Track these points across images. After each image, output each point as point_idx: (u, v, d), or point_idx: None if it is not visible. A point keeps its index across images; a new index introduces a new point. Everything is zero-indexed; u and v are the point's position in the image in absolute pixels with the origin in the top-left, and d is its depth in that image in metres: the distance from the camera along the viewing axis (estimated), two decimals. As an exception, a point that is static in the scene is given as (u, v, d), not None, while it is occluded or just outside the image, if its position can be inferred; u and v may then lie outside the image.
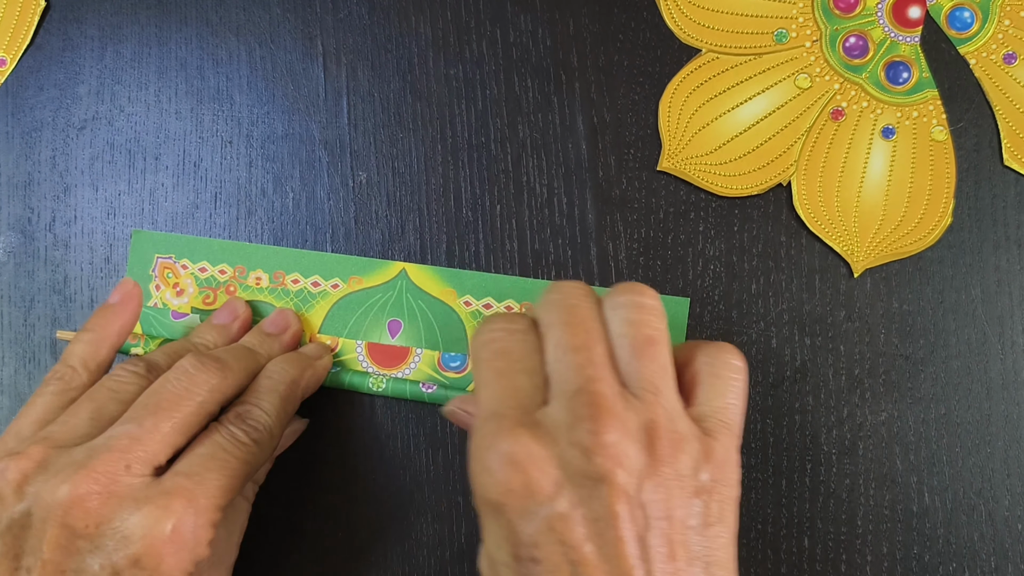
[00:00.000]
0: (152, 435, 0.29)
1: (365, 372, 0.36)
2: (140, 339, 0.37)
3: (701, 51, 0.36)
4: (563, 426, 0.26)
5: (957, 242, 0.35)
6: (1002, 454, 0.35)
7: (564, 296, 0.29)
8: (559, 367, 0.28)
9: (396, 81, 0.37)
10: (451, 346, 0.36)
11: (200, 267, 0.37)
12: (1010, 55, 0.36)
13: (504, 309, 0.36)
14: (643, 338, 0.28)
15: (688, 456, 0.27)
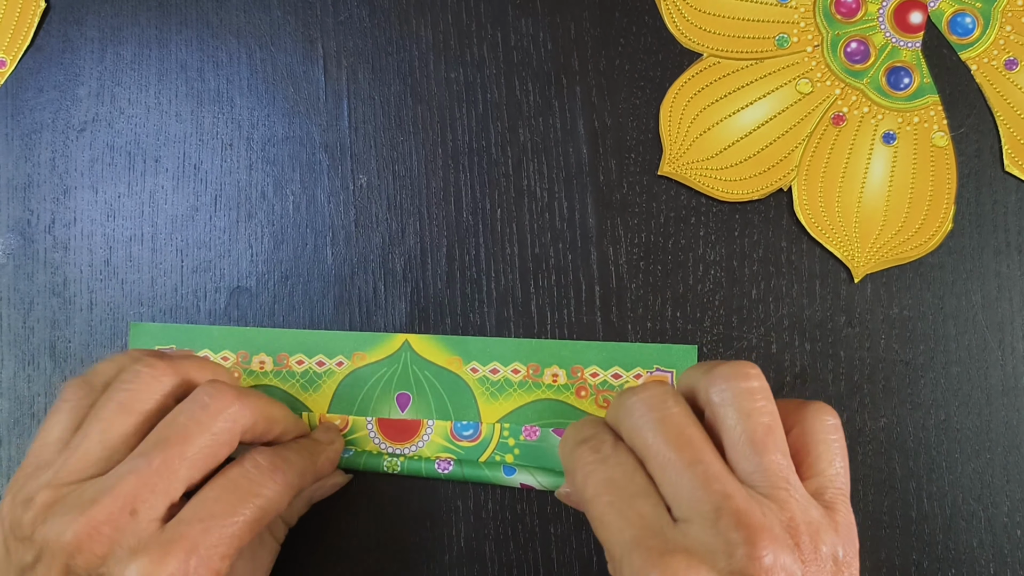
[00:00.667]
0: (161, 475, 0.28)
1: (380, 452, 0.36)
2: None
3: (702, 55, 0.36)
4: (718, 552, 0.25)
5: (958, 248, 0.35)
6: (1002, 460, 0.35)
7: (649, 408, 0.28)
8: (681, 488, 0.27)
9: (397, 84, 0.37)
10: (462, 414, 0.36)
11: (202, 355, 0.37)
12: (1011, 61, 0.35)
13: (511, 373, 0.36)
14: (762, 429, 0.27)
15: (827, 544, 0.27)
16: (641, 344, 0.35)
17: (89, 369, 0.32)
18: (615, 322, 0.36)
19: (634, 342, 0.35)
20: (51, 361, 0.38)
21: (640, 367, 0.35)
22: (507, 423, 0.35)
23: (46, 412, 0.37)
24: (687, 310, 0.36)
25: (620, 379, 0.35)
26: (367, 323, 0.37)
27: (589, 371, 0.35)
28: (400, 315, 0.37)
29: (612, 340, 0.36)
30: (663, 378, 0.35)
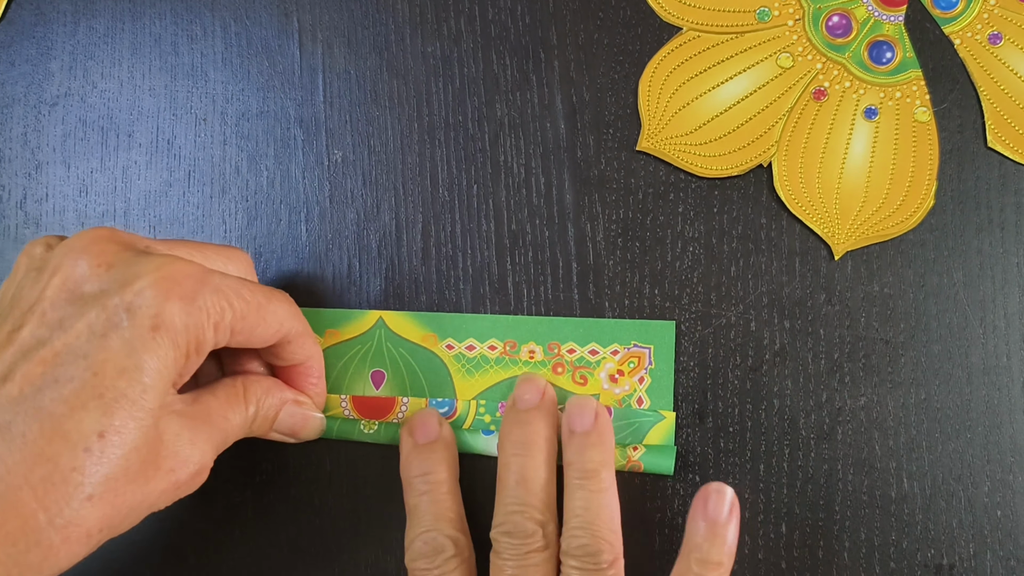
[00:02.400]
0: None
1: (356, 418, 0.35)
2: None
3: (682, 29, 0.36)
4: None
5: (939, 225, 0.35)
6: (982, 440, 0.34)
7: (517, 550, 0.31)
8: None
9: (373, 58, 0.37)
10: (437, 391, 0.35)
11: None
12: (995, 35, 0.35)
13: (488, 350, 0.35)
14: None
15: None
16: (619, 320, 0.35)
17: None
18: (592, 299, 0.35)
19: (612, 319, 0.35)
20: (23, 338, 0.38)
21: (617, 343, 0.35)
22: (483, 399, 0.35)
23: (17, 390, 0.37)
24: (665, 287, 0.35)
25: (597, 355, 0.35)
26: (341, 300, 0.36)
27: (566, 347, 0.35)
28: (375, 292, 0.36)
29: (589, 317, 0.35)
30: (641, 354, 0.35)
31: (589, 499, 0.31)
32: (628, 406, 0.34)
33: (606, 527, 0.31)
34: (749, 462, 0.35)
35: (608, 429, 0.33)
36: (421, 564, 0.31)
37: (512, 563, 0.30)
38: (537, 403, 0.33)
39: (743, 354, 0.35)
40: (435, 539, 0.31)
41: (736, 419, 0.35)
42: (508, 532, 0.31)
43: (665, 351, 0.35)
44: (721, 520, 0.31)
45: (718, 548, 0.31)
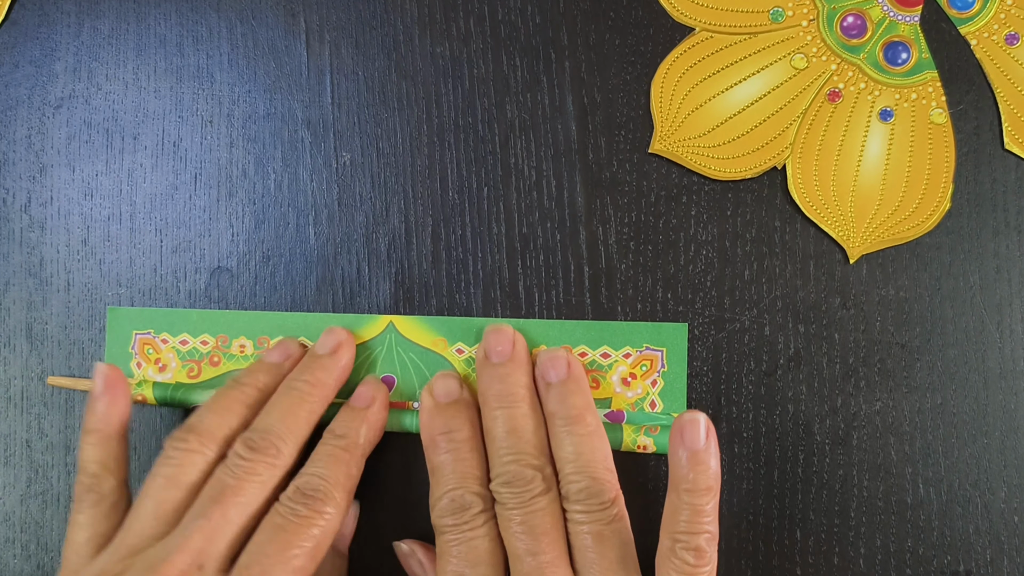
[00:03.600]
0: (220, 526, 0.29)
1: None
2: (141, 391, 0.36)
3: (695, 30, 0.35)
4: None
5: (955, 228, 0.34)
6: (999, 445, 0.34)
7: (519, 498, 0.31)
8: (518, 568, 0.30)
9: (381, 59, 0.36)
10: None
11: (181, 340, 0.36)
12: (1012, 36, 0.35)
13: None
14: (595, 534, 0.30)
15: None
16: (631, 323, 0.34)
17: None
18: (604, 303, 0.35)
19: (624, 324, 0.35)
20: (27, 343, 0.37)
21: (630, 346, 0.34)
22: (493, 406, 0.34)
23: (22, 395, 0.37)
24: (678, 291, 0.35)
25: (609, 358, 0.34)
26: (350, 304, 0.36)
27: (578, 350, 0.34)
28: (384, 296, 0.36)
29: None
30: (653, 357, 0.34)
31: (579, 443, 0.31)
32: (641, 409, 0.34)
33: (602, 467, 0.31)
34: (763, 467, 0.34)
35: (583, 375, 0.33)
36: (449, 521, 0.31)
37: (518, 511, 0.30)
38: (511, 353, 0.33)
39: (757, 359, 0.35)
40: (462, 496, 0.31)
41: (750, 424, 0.34)
42: (508, 482, 0.31)
43: (678, 354, 0.34)
44: (700, 447, 0.31)
45: (704, 475, 0.31)
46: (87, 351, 0.37)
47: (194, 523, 0.29)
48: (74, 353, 0.37)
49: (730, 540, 0.34)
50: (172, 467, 0.31)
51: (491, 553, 0.31)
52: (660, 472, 0.34)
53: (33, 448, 0.37)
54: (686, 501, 0.30)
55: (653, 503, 0.34)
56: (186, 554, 0.29)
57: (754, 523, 0.34)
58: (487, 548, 0.31)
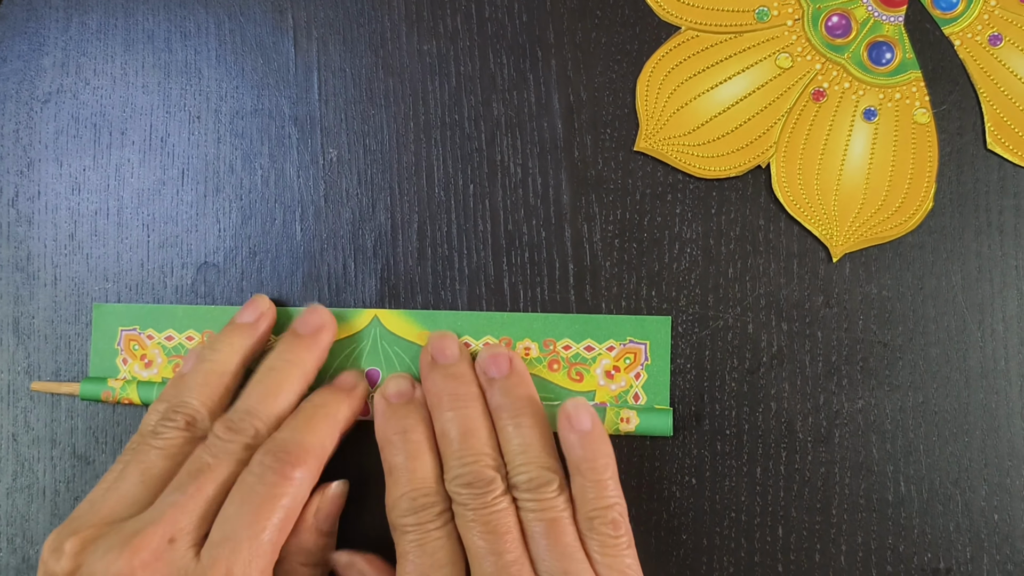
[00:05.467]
0: (197, 501, 0.30)
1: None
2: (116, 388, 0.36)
3: (680, 28, 0.35)
4: None
5: (938, 227, 0.35)
6: (980, 444, 0.34)
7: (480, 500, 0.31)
8: (480, 568, 0.30)
9: (368, 56, 0.37)
10: None
11: (166, 335, 0.36)
12: (995, 36, 0.35)
13: (483, 346, 0.35)
14: (548, 521, 0.31)
15: None
16: (615, 316, 0.35)
17: None
18: (589, 300, 0.35)
19: (608, 321, 0.35)
20: (14, 337, 0.37)
21: (613, 339, 0.34)
22: (477, 402, 0.34)
23: (9, 389, 0.37)
24: (662, 288, 0.35)
25: (593, 351, 0.34)
26: (336, 300, 0.36)
27: (562, 344, 0.35)
28: (370, 292, 0.36)
29: (585, 319, 0.35)
30: (637, 350, 0.34)
31: (526, 435, 0.32)
32: (624, 402, 0.34)
33: (548, 457, 0.32)
34: (746, 465, 0.34)
35: (524, 369, 0.34)
36: (410, 521, 0.31)
37: (480, 512, 0.31)
38: (458, 355, 0.34)
39: (740, 356, 0.35)
40: (424, 496, 0.32)
41: (733, 422, 0.35)
42: (469, 483, 0.31)
43: (661, 347, 0.34)
44: (588, 428, 0.32)
45: (597, 451, 0.32)
46: (74, 345, 0.37)
47: (170, 497, 0.30)
48: (60, 348, 0.37)
49: (712, 537, 0.34)
50: (164, 440, 0.31)
51: (453, 552, 0.31)
52: (656, 464, 0.35)
53: (19, 442, 0.37)
54: (590, 479, 0.31)
55: (648, 497, 0.34)
56: (160, 527, 0.29)
57: (736, 520, 0.34)
58: (449, 548, 0.31)
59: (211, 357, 0.33)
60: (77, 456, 0.37)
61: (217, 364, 0.33)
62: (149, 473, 0.31)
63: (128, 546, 0.28)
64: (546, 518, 0.31)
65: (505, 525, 0.31)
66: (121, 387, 0.36)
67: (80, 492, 0.37)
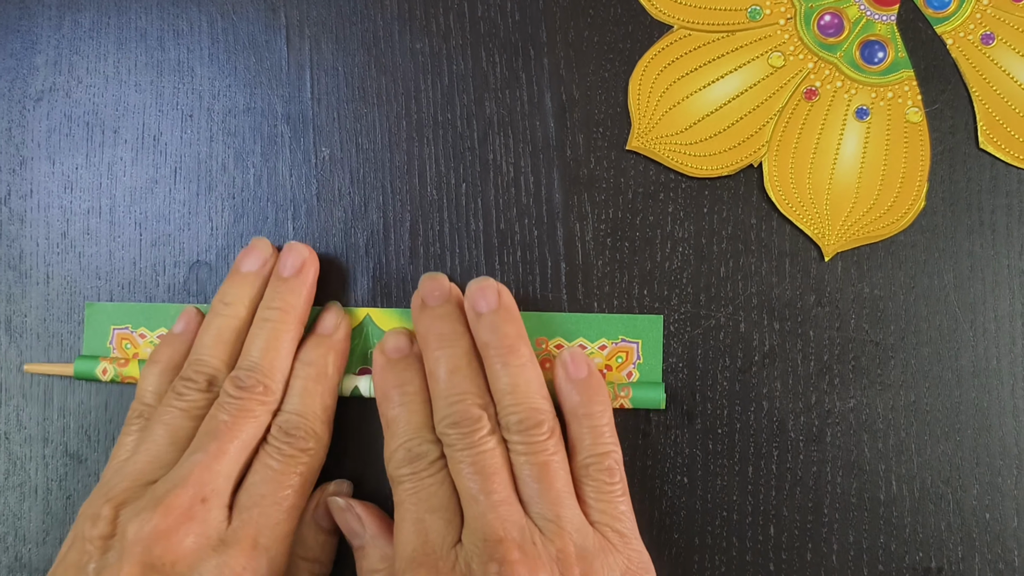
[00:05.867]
0: (220, 460, 0.31)
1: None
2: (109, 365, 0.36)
3: (673, 27, 0.35)
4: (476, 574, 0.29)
5: (930, 226, 0.35)
6: (971, 443, 0.34)
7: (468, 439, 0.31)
8: (467, 513, 0.30)
9: (361, 55, 0.37)
10: None
11: (159, 334, 0.36)
12: (988, 35, 0.35)
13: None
14: (541, 467, 0.31)
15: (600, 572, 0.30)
16: (607, 315, 0.35)
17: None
18: (581, 299, 0.35)
19: (600, 320, 0.35)
20: (7, 335, 0.37)
21: (605, 338, 0.34)
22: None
23: (1, 388, 0.37)
24: (654, 287, 0.35)
25: (585, 350, 0.34)
26: (329, 299, 0.36)
27: (554, 342, 0.35)
28: (362, 291, 0.36)
29: (577, 318, 0.35)
30: (629, 349, 0.34)
31: (515, 375, 0.32)
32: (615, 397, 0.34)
33: (538, 397, 0.32)
34: (738, 464, 0.34)
35: (513, 304, 0.33)
36: (406, 471, 0.31)
37: (467, 452, 0.31)
38: (447, 296, 0.34)
39: (732, 355, 0.35)
40: (418, 445, 0.32)
41: (725, 421, 0.35)
42: (455, 423, 0.31)
43: (653, 346, 0.34)
44: (584, 376, 0.33)
45: (593, 397, 0.32)
46: (66, 344, 0.37)
47: (193, 457, 0.31)
48: (53, 346, 0.37)
49: (704, 536, 0.34)
50: (186, 402, 0.32)
51: (448, 498, 0.31)
52: (648, 463, 0.35)
53: (11, 440, 0.37)
54: (586, 426, 0.32)
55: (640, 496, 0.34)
56: (189, 487, 0.30)
57: (728, 519, 0.34)
58: (444, 493, 0.31)
59: (223, 312, 0.34)
60: (69, 455, 0.37)
61: (230, 320, 0.34)
62: (177, 435, 0.32)
63: (160, 505, 0.29)
64: (537, 461, 0.31)
65: (493, 466, 0.31)
66: (112, 367, 0.36)
67: (72, 491, 0.37)
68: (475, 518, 0.30)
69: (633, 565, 0.31)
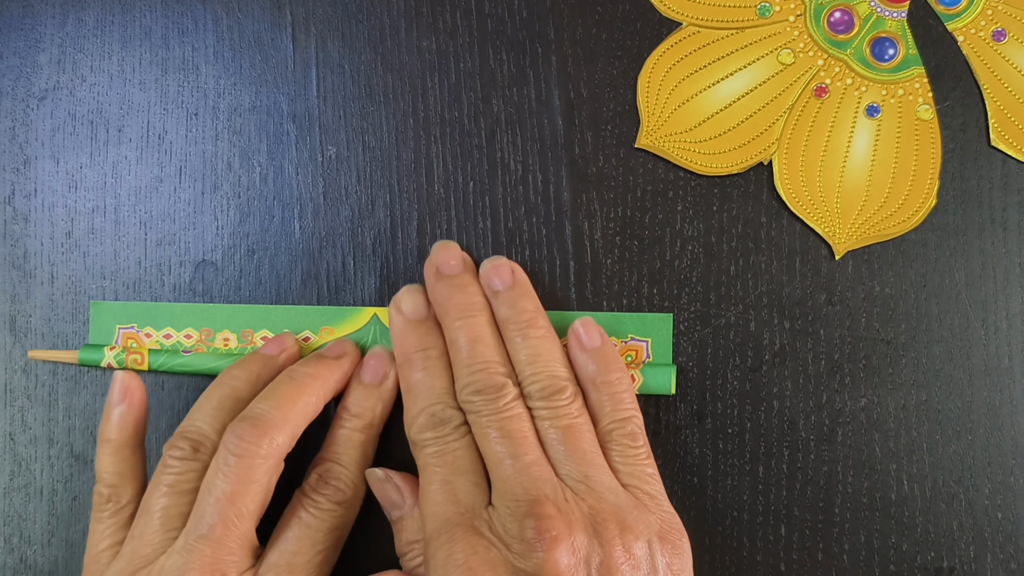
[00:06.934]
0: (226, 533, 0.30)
1: None
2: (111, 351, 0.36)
3: (681, 24, 0.35)
4: (513, 542, 0.29)
5: (941, 224, 0.34)
6: (983, 442, 0.34)
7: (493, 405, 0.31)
8: (497, 477, 0.30)
9: (367, 52, 0.36)
10: None
11: (164, 334, 0.36)
12: (999, 32, 0.34)
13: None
14: (567, 429, 0.31)
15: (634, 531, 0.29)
16: (616, 313, 0.34)
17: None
18: (590, 298, 0.35)
19: (609, 319, 0.35)
20: (11, 335, 0.37)
21: (615, 337, 0.34)
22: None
23: (5, 388, 0.36)
24: (664, 286, 0.35)
25: (593, 355, 0.34)
26: (335, 298, 0.36)
27: (563, 342, 0.34)
28: (370, 290, 0.36)
29: (586, 317, 0.35)
30: (638, 347, 0.34)
31: (536, 346, 0.32)
32: None
33: (559, 366, 0.32)
34: (748, 464, 0.34)
35: (526, 280, 0.34)
36: (430, 435, 0.31)
37: (494, 418, 0.31)
38: (463, 267, 0.34)
39: (742, 354, 0.35)
40: (443, 411, 0.32)
41: (735, 420, 0.34)
42: (480, 390, 0.31)
43: (663, 344, 0.34)
44: (598, 344, 0.33)
45: (609, 364, 0.32)
46: (71, 344, 0.37)
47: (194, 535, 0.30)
48: (58, 346, 0.37)
49: (714, 536, 0.34)
50: (172, 475, 0.31)
51: (474, 461, 0.31)
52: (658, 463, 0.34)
53: (16, 441, 0.37)
54: (605, 393, 0.32)
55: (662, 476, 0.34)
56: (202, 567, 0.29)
57: (739, 519, 0.34)
58: (470, 457, 0.31)
59: (228, 383, 0.33)
60: (75, 456, 0.36)
61: (232, 390, 0.33)
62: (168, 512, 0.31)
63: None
64: (561, 424, 0.31)
65: (521, 429, 0.31)
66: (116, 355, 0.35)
67: (78, 492, 0.36)
68: (505, 480, 0.30)
69: (667, 525, 0.31)
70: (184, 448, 0.31)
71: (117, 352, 0.35)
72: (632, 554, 0.29)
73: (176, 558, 0.30)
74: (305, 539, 0.31)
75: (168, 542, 0.31)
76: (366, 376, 0.34)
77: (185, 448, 0.31)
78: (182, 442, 0.31)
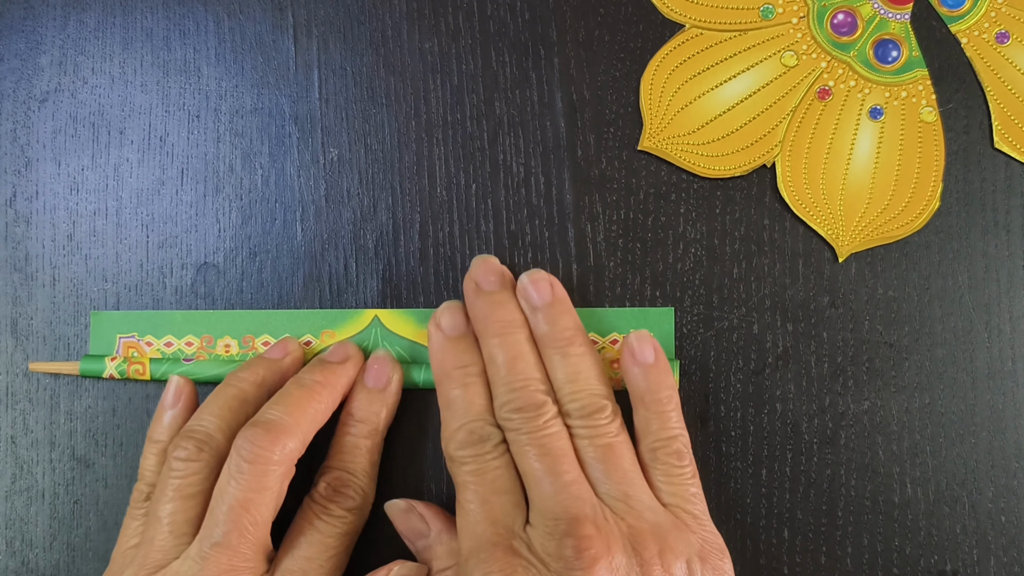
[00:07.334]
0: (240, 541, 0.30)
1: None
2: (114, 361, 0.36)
3: (684, 26, 0.35)
4: (552, 555, 0.29)
5: (945, 227, 0.34)
6: (986, 445, 0.34)
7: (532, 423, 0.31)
8: (535, 494, 0.30)
9: (369, 54, 0.36)
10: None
11: (165, 342, 0.36)
12: (1003, 34, 0.34)
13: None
14: (605, 449, 0.31)
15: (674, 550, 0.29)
16: (618, 308, 0.34)
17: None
18: (592, 300, 0.35)
19: (612, 322, 0.35)
20: (13, 338, 0.37)
21: (616, 332, 0.34)
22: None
23: (7, 391, 0.36)
24: (666, 289, 0.35)
25: (596, 345, 0.34)
26: (337, 301, 0.36)
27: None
28: (371, 292, 0.36)
29: (589, 320, 0.35)
30: None
31: (576, 364, 0.32)
32: None
33: (599, 384, 0.32)
34: (751, 466, 0.34)
35: (565, 295, 0.33)
36: (469, 452, 0.31)
37: (533, 436, 0.31)
38: (502, 283, 0.33)
39: (745, 357, 0.34)
40: (481, 428, 0.31)
41: (738, 423, 0.34)
42: (519, 408, 0.31)
43: (664, 339, 0.34)
44: (651, 361, 0.32)
45: (660, 383, 0.32)
46: (72, 346, 0.37)
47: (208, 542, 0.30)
48: (59, 348, 0.37)
49: (717, 539, 0.34)
50: (177, 479, 0.31)
51: (513, 481, 0.31)
52: (647, 471, 0.34)
53: (18, 444, 0.37)
54: (653, 411, 0.32)
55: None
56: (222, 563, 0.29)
57: (742, 522, 0.34)
58: (509, 476, 0.31)
59: (235, 384, 0.33)
60: (76, 459, 0.36)
61: (239, 391, 0.33)
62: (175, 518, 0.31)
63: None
64: (601, 444, 0.31)
65: (560, 448, 0.30)
66: (117, 366, 0.35)
67: (80, 495, 0.36)
68: (544, 499, 0.30)
69: (708, 546, 0.30)
70: (188, 448, 0.31)
71: (118, 363, 0.35)
72: (671, 573, 0.29)
73: (191, 564, 0.30)
74: (318, 544, 0.31)
75: (177, 548, 0.30)
76: (370, 380, 0.34)
77: (189, 448, 0.31)
78: (186, 442, 0.31)
